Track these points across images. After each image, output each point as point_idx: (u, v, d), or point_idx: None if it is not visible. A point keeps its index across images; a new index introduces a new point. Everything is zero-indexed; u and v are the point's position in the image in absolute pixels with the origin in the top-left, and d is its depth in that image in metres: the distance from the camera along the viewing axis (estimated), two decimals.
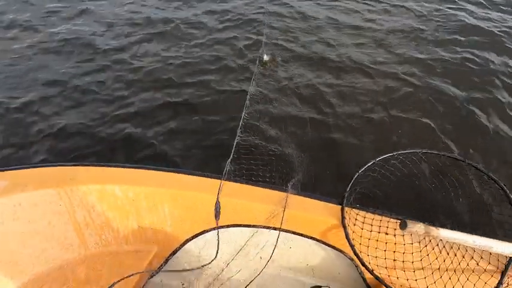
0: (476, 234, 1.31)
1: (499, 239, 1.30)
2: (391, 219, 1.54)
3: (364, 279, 1.67)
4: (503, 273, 1.38)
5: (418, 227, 1.16)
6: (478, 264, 1.43)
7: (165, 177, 1.68)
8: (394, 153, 1.69)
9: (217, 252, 1.69)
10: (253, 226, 1.70)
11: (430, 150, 1.65)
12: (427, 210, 1.66)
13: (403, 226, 1.19)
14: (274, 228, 1.67)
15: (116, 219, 1.68)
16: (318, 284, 1.80)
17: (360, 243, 1.49)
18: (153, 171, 1.71)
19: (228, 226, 1.71)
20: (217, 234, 1.69)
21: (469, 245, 1.26)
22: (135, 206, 1.66)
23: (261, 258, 1.82)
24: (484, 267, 1.43)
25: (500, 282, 1.36)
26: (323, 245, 1.65)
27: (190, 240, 1.74)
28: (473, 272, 1.44)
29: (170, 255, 1.77)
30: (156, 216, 1.70)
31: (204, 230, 1.72)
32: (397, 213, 1.49)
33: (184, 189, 1.64)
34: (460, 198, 1.69)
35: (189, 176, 1.69)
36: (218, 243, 1.69)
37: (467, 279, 1.42)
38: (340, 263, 1.71)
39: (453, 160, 1.69)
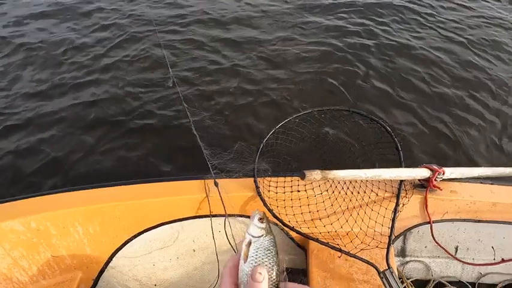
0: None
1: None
2: (300, 177, 1.66)
3: (292, 239, 1.78)
4: (398, 196, 1.58)
5: (315, 174, 1.28)
6: (377, 195, 1.62)
7: (69, 197, 1.58)
8: (291, 118, 1.81)
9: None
10: (182, 219, 1.69)
11: (322, 107, 1.81)
12: (329, 161, 1.81)
13: (302, 176, 1.29)
14: (201, 216, 1.68)
15: (25, 256, 1.53)
16: None
17: (277, 206, 1.58)
18: (55, 194, 1.59)
19: (155, 227, 1.67)
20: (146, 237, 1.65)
21: (362, 178, 1.42)
22: (43, 236, 1.53)
23: (194, 250, 1.83)
24: (383, 196, 1.63)
25: (397, 204, 1.56)
26: (247, 219, 1.71)
27: (116, 253, 1.67)
28: (375, 202, 1.63)
29: (97, 276, 1.68)
30: (71, 240, 1.59)
31: (128, 239, 1.66)
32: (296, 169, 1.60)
33: (94, 203, 1.56)
34: (354, 143, 1.88)
35: (94, 190, 1.61)
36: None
37: (372, 210, 1.61)
38: None
39: (341, 112, 1.87)
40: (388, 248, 1.48)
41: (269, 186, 1.64)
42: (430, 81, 3.82)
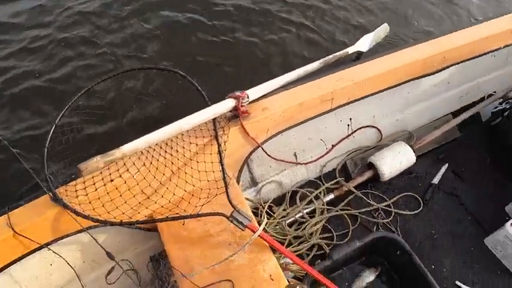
0: None
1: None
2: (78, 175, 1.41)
3: (139, 228, 1.58)
4: (216, 137, 1.50)
5: (94, 163, 1.06)
6: (197, 144, 1.51)
7: None
8: (71, 102, 1.49)
9: None
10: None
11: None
12: (140, 128, 1.60)
13: (79, 175, 1.06)
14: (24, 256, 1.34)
15: None
16: (111, 267, 1.63)
17: (94, 208, 1.33)
18: None
19: None
20: None
21: (163, 139, 1.28)
22: None
23: None
24: (203, 143, 1.53)
25: (219, 145, 1.49)
26: (72, 237, 1.43)
27: None
28: (198, 153, 1.52)
29: None
30: None
31: None
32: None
33: None
34: (161, 99, 1.70)
35: None
36: None
37: (198, 162, 1.51)
38: (107, 237, 1.55)
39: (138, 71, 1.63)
40: (226, 190, 1.42)
41: (76, 191, 1.36)
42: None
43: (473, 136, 2.31)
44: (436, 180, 2.08)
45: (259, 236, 1.36)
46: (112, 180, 1.39)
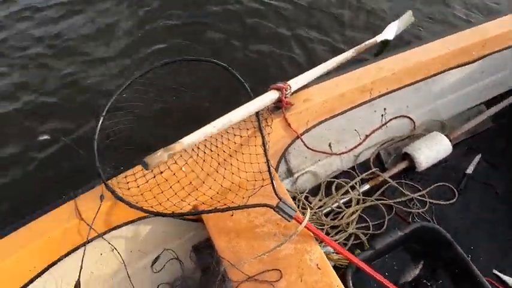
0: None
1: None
2: (144, 169, 1.43)
3: (183, 219, 1.61)
4: (260, 129, 1.50)
5: (159, 157, 1.07)
6: (241, 136, 1.52)
7: None
8: (115, 95, 1.50)
9: None
10: (56, 261, 1.36)
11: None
12: (185, 122, 1.61)
13: (145, 167, 1.07)
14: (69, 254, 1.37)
15: None
16: (156, 256, 1.68)
17: (147, 200, 1.35)
18: None
19: None
20: None
21: (214, 132, 1.28)
22: None
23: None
24: (248, 135, 1.53)
25: (262, 137, 1.49)
26: (120, 228, 1.45)
27: None
28: (242, 145, 1.53)
29: None
30: None
31: None
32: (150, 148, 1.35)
33: None
34: (202, 92, 1.70)
35: None
36: None
37: (243, 154, 1.52)
38: (152, 227, 1.58)
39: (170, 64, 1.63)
40: (272, 182, 1.43)
41: (127, 183, 1.38)
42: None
43: (505, 126, 2.29)
44: (470, 170, 2.08)
45: (305, 226, 1.38)
46: (162, 172, 1.41)
